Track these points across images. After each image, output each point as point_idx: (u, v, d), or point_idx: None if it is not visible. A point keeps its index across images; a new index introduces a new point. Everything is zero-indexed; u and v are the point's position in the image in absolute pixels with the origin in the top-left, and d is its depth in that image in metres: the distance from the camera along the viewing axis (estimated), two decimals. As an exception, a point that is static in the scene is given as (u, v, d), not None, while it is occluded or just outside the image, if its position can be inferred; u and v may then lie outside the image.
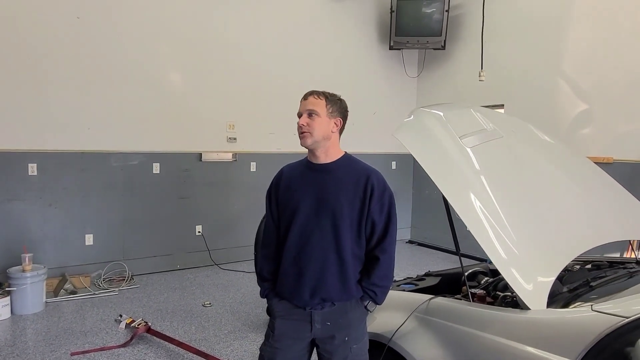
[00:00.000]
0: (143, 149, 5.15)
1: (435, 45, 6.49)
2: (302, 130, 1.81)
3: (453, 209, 1.85)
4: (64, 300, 4.33)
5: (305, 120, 1.81)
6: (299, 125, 1.83)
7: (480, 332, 1.63)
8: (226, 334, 3.65)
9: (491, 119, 2.42)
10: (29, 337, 3.56)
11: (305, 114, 1.83)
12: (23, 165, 4.51)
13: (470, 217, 1.81)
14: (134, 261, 5.10)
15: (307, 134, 1.81)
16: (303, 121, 1.82)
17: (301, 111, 1.85)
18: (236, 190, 5.76)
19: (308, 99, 1.85)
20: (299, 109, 1.87)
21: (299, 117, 1.85)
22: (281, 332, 1.85)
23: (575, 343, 1.35)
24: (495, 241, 1.77)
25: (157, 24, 5.13)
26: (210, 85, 5.51)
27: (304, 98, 1.87)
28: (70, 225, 4.78)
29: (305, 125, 1.81)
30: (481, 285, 2.32)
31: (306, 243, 1.80)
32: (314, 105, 1.82)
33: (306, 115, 1.82)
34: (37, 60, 4.51)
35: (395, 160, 7.05)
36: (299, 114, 1.86)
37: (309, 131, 1.80)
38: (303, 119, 1.82)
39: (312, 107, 1.82)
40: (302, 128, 1.81)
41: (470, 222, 1.79)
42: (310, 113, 1.82)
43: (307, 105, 1.83)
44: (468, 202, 1.88)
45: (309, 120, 1.81)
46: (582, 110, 5.17)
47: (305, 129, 1.81)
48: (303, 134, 1.82)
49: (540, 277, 1.68)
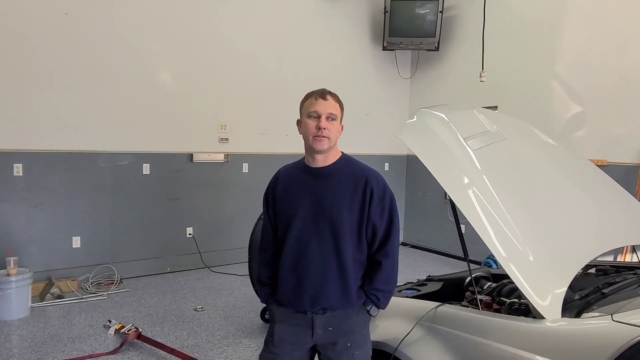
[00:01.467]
0: (132, 149, 5.02)
1: (429, 46, 6.46)
2: (322, 134, 1.69)
3: (460, 212, 1.79)
4: (51, 305, 4.19)
5: (325, 124, 1.69)
6: (321, 127, 1.68)
7: (492, 342, 1.57)
8: (219, 340, 3.56)
9: (495, 121, 2.37)
10: (13, 344, 3.43)
11: (324, 116, 1.70)
12: (8, 165, 4.36)
13: (478, 221, 1.75)
14: (123, 264, 4.97)
15: (326, 139, 1.70)
16: (325, 124, 1.69)
17: (321, 112, 1.70)
18: (228, 191, 5.66)
19: (328, 100, 1.71)
20: (312, 108, 1.71)
21: (314, 117, 1.71)
22: (281, 337, 1.78)
23: (595, 356, 1.30)
24: (506, 247, 1.71)
25: (147, 22, 5.01)
26: (202, 85, 5.40)
27: (322, 97, 1.72)
28: (56, 227, 4.65)
29: (325, 129, 1.68)
30: (485, 290, 2.27)
31: (304, 251, 1.72)
32: (334, 108, 1.72)
33: (325, 119, 1.70)
34: (22, 57, 4.37)
35: (388, 162, 7.00)
36: (316, 114, 1.70)
37: (328, 136, 1.69)
38: (324, 122, 1.69)
39: (333, 111, 1.71)
40: (324, 132, 1.68)
41: (479, 225, 1.73)
42: (331, 117, 1.71)
43: (329, 108, 1.70)
44: (475, 205, 1.81)
45: (329, 124, 1.70)
46: (575, 112, 5.16)
47: (325, 133, 1.69)
48: (321, 138, 1.69)
49: (554, 284, 1.63)
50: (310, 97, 1.75)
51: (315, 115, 1.70)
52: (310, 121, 1.71)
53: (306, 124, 1.72)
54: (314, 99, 1.72)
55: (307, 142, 1.75)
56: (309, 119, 1.72)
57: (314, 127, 1.69)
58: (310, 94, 1.78)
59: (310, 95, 1.76)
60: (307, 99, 1.77)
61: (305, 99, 1.78)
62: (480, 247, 2.80)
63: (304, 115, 1.75)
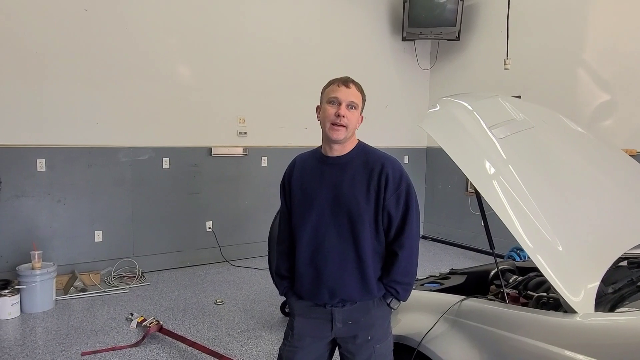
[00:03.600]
0: (152, 143, 5.05)
1: (449, 36, 6.33)
2: (340, 122, 1.64)
3: (487, 203, 1.72)
4: (74, 298, 4.26)
5: (345, 112, 1.64)
6: (339, 114, 1.63)
7: (520, 337, 1.51)
8: (239, 333, 3.56)
9: (520, 109, 2.29)
10: (38, 336, 3.49)
11: (345, 104, 1.65)
12: (31, 161, 4.43)
13: (504, 211, 1.68)
14: (144, 258, 5.02)
15: (343, 128, 1.65)
16: (343, 111, 1.64)
17: (341, 99, 1.65)
18: (247, 185, 5.66)
19: (351, 88, 1.66)
20: (333, 94, 1.66)
21: (334, 104, 1.66)
22: (301, 331, 1.75)
23: (632, 352, 1.23)
24: (533, 238, 1.65)
25: (166, 18, 5.02)
26: (220, 79, 5.40)
27: (345, 84, 1.67)
28: (79, 221, 4.71)
29: (344, 117, 1.63)
30: (510, 284, 2.19)
31: (322, 243, 1.68)
32: (355, 97, 1.67)
33: (345, 106, 1.65)
34: (44, 54, 4.42)
35: (407, 154, 6.91)
36: (337, 100, 1.65)
37: (346, 125, 1.65)
38: (344, 109, 1.64)
39: (354, 100, 1.66)
40: (342, 120, 1.63)
41: (505, 216, 1.66)
42: (352, 105, 1.66)
43: (350, 96, 1.65)
44: (501, 195, 1.74)
45: (348, 113, 1.65)
46: (603, 101, 5.00)
47: (343, 122, 1.64)
48: (339, 127, 1.65)
49: (586, 277, 1.55)
50: (332, 83, 1.70)
51: (335, 101, 1.66)
52: (329, 107, 1.66)
53: (325, 109, 1.68)
54: (337, 85, 1.67)
55: (324, 130, 1.70)
56: (328, 104, 1.67)
57: (332, 114, 1.65)
58: (333, 80, 1.72)
59: (333, 82, 1.71)
60: (329, 85, 1.72)
61: (328, 85, 1.73)
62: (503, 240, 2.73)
63: (324, 100, 1.70)
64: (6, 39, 4.25)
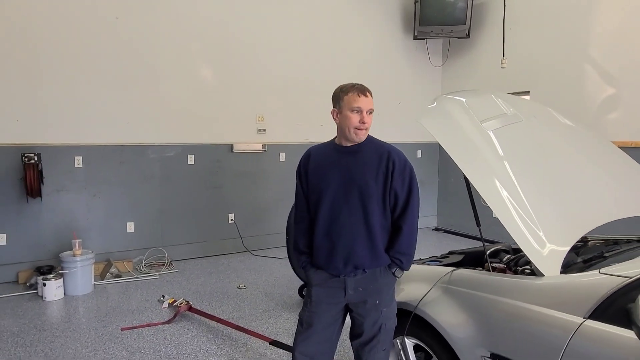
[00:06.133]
0: (178, 141, 5.43)
1: (460, 34, 6.54)
2: (363, 127, 1.96)
3: (474, 187, 2.00)
4: (110, 283, 4.65)
5: (367, 118, 1.95)
6: (365, 122, 1.94)
7: (499, 297, 1.78)
8: (261, 313, 3.89)
9: (512, 104, 2.54)
10: (82, 314, 3.88)
11: (366, 111, 1.95)
12: (70, 158, 4.84)
13: (490, 194, 1.95)
14: (172, 247, 5.40)
15: (365, 131, 1.98)
16: (367, 119, 1.95)
17: (363, 108, 1.94)
18: (266, 179, 5.99)
19: (368, 97, 1.97)
20: (356, 104, 1.93)
21: (357, 112, 1.94)
22: (318, 298, 2.06)
23: (584, 302, 1.49)
24: (514, 215, 1.91)
25: (189, 23, 5.37)
26: (240, 80, 5.73)
27: (364, 94, 1.95)
28: (112, 214, 5.11)
29: (367, 123, 1.96)
30: (503, 261, 2.45)
31: (337, 218, 1.99)
32: (372, 104, 1.98)
33: (366, 113, 1.95)
34: (80, 59, 4.81)
35: (420, 149, 7.15)
36: (359, 109, 1.94)
37: (367, 128, 1.98)
38: (366, 117, 1.95)
39: (372, 107, 1.98)
40: (365, 125, 1.96)
41: (490, 198, 1.93)
42: (370, 111, 1.97)
43: (369, 104, 1.96)
44: (488, 181, 2.02)
45: (369, 118, 1.97)
46: (609, 94, 5.16)
47: (366, 126, 1.97)
48: (362, 131, 1.97)
49: (555, 246, 1.82)
50: (351, 92, 1.96)
51: (358, 110, 1.95)
52: (353, 115, 1.95)
53: (349, 117, 1.96)
54: (357, 95, 1.95)
55: (347, 132, 1.99)
56: (351, 112, 1.95)
57: (357, 121, 1.95)
58: (349, 88, 1.98)
59: (350, 90, 1.97)
60: (347, 93, 1.97)
61: (345, 92, 1.98)
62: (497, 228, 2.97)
63: (346, 109, 1.97)
64: (47, 47, 4.66)
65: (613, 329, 1.39)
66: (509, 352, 1.66)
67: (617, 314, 1.39)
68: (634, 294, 1.31)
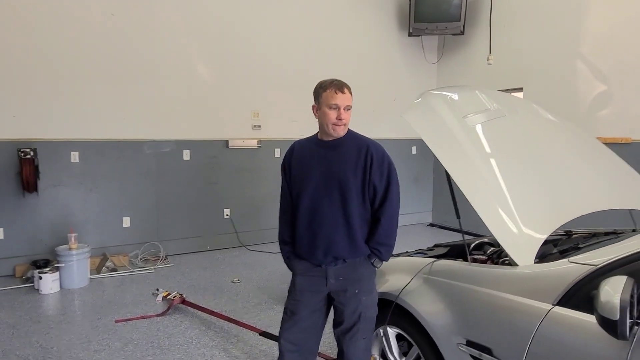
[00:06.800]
0: (174, 136, 5.48)
1: (454, 30, 6.58)
2: (341, 123, 1.99)
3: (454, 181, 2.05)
4: (106, 277, 4.71)
5: (344, 115, 1.99)
6: (342, 118, 1.98)
7: (476, 287, 1.83)
8: (254, 306, 3.95)
9: (495, 99, 2.59)
10: (77, 307, 3.94)
11: (343, 108, 1.98)
12: (66, 153, 4.90)
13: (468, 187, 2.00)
14: (167, 242, 5.46)
15: (344, 127, 2.02)
16: (344, 116, 1.99)
17: (339, 105, 1.98)
18: (261, 175, 6.04)
19: (346, 94, 1.99)
20: (333, 101, 1.97)
21: (334, 109, 1.98)
22: (301, 286, 2.13)
23: (553, 289, 1.55)
24: (491, 207, 1.97)
25: (185, 20, 5.42)
26: (235, 76, 5.78)
27: (341, 91, 1.98)
28: (109, 208, 5.17)
29: (344, 119, 2.00)
30: (486, 254, 2.51)
31: (317, 210, 2.04)
32: (349, 100, 2.01)
33: (343, 109, 1.99)
34: (76, 55, 4.87)
35: (415, 145, 7.19)
36: (336, 106, 1.97)
37: (345, 123, 2.02)
38: (343, 113, 1.98)
39: (349, 103, 2.01)
40: (342, 121, 1.99)
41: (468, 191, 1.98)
42: (348, 107, 2.00)
43: (346, 101, 2.00)
44: (466, 174, 2.07)
45: (346, 114, 2.00)
46: (600, 91, 5.21)
47: (343, 122, 2.00)
48: (339, 127, 2.00)
49: (531, 237, 1.87)
50: (329, 88, 2.01)
51: (335, 107, 1.99)
52: (330, 112, 2.00)
53: (327, 114, 2.01)
54: (334, 92, 1.99)
55: (326, 128, 2.05)
56: (329, 109, 2.00)
57: (334, 118, 2.00)
58: (327, 85, 2.02)
59: (328, 87, 2.01)
60: (325, 90, 2.02)
61: (323, 89, 2.03)
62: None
63: (324, 105, 2.02)
64: (44, 44, 4.70)
65: (578, 315, 1.45)
66: (484, 338, 1.71)
67: (583, 300, 1.45)
68: (598, 281, 1.36)
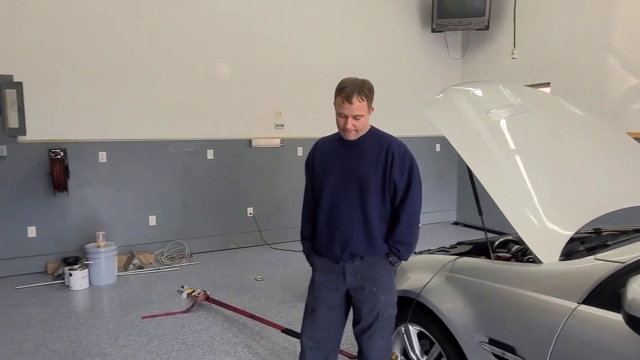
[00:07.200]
0: (198, 136, 5.56)
1: (479, 25, 6.47)
2: (349, 130, 1.96)
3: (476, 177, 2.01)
4: (133, 274, 4.81)
5: (352, 122, 1.94)
6: (347, 128, 1.94)
7: (499, 285, 1.79)
8: (277, 304, 3.97)
9: (519, 94, 2.53)
10: (105, 303, 4.04)
11: (350, 118, 1.93)
12: (94, 153, 5.02)
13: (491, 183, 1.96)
14: (192, 240, 5.54)
15: (354, 132, 1.98)
16: (350, 125, 1.94)
17: (347, 114, 1.93)
18: (284, 173, 6.07)
19: (354, 104, 1.90)
20: (341, 110, 1.93)
21: (342, 117, 1.94)
22: (320, 283, 2.13)
23: (579, 287, 1.50)
24: (515, 204, 1.93)
25: (207, 21, 5.49)
26: (258, 76, 5.82)
27: (348, 101, 1.90)
28: (135, 207, 5.28)
29: (353, 126, 1.95)
30: (511, 251, 2.46)
31: (336, 207, 2.04)
32: (359, 110, 1.93)
33: (352, 118, 1.93)
34: (102, 57, 4.99)
35: (439, 143, 7.09)
36: (344, 115, 1.94)
37: (356, 130, 1.98)
38: (350, 122, 1.93)
39: (358, 112, 1.93)
40: (351, 129, 1.95)
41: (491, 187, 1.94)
42: (357, 117, 1.94)
43: (354, 111, 1.92)
44: (489, 170, 2.03)
45: (356, 122, 1.95)
46: (632, 85, 5.04)
47: (352, 129, 1.96)
48: (349, 133, 1.97)
49: (556, 234, 1.82)
50: (339, 96, 1.95)
51: (343, 115, 1.96)
52: (339, 118, 1.99)
53: (337, 119, 2.00)
54: (342, 102, 1.93)
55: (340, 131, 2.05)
56: (339, 116, 1.98)
57: (342, 124, 1.98)
58: (338, 91, 1.96)
59: (339, 94, 1.95)
60: (336, 96, 1.98)
61: (337, 94, 1.98)
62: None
63: (336, 110, 1.99)
64: (69, 47, 4.84)
65: (605, 314, 1.40)
66: (507, 337, 1.68)
67: (610, 298, 1.40)
68: (625, 279, 1.31)
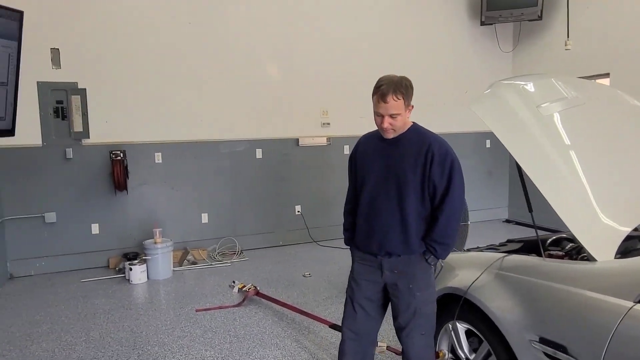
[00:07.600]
0: (247, 136, 5.71)
1: (531, 16, 6.24)
2: (386, 129, 1.97)
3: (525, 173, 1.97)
4: (187, 269, 5.03)
5: (389, 121, 1.95)
6: (384, 127, 1.96)
7: (551, 283, 1.75)
8: (324, 299, 4.03)
9: (573, 87, 2.44)
10: (162, 296, 4.25)
11: (387, 117, 1.95)
12: (151, 154, 5.28)
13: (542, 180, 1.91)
14: (242, 237, 5.71)
15: (392, 131, 1.99)
16: (387, 124, 1.95)
17: (383, 113, 1.94)
18: (331, 171, 6.13)
19: (389, 102, 1.91)
20: (377, 109, 1.95)
21: (379, 116, 1.96)
22: (359, 273, 2.17)
23: (635, 286, 1.45)
24: (568, 201, 1.87)
25: (255, 25, 5.62)
26: (305, 76, 5.91)
27: (383, 100, 1.91)
28: (188, 205, 5.50)
29: (390, 125, 1.97)
30: (565, 250, 2.38)
31: (375, 204, 2.07)
32: (395, 109, 1.93)
33: (389, 117, 1.95)
34: (157, 62, 5.23)
35: (489, 139, 6.91)
36: (379, 114, 1.95)
37: (393, 129, 1.98)
38: (387, 121, 1.95)
39: (394, 112, 1.94)
40: (387, 128, 1.97)
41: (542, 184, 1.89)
42: (393, 115, 1.95)
43: (390, 110, 1.93)
44: (540, 166, 1.98)
45: (392, 120, 1.96)
46: (702, 73, 4.71)
47: (389, 128, 1.97)
48: (387, 131, 1.99)
49: (611, 232, 1.76)
50: (375, 94, 1.97)
51: (379, 114, 1.98)
52: (376, 117, 2.00)
53: (375, 118, 2.02)
54: (377, 100, 1.95)
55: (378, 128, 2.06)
56: (376, 115, 2.00)
57: (379, 123, 2.00)
58: (376, 89, 1.98)
59: (375, 93, 1.97)
60: (373, 95, 1.98)
61: (373, 92, 1.99)
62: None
63: (373, 108, 2.00)
64: (126, 54, 5.11)
65: (663, 314, 1.35)
66: (558, 336, 1.64)
67: (669, 298, 1.34)
68: (686, 278, 1.26)
